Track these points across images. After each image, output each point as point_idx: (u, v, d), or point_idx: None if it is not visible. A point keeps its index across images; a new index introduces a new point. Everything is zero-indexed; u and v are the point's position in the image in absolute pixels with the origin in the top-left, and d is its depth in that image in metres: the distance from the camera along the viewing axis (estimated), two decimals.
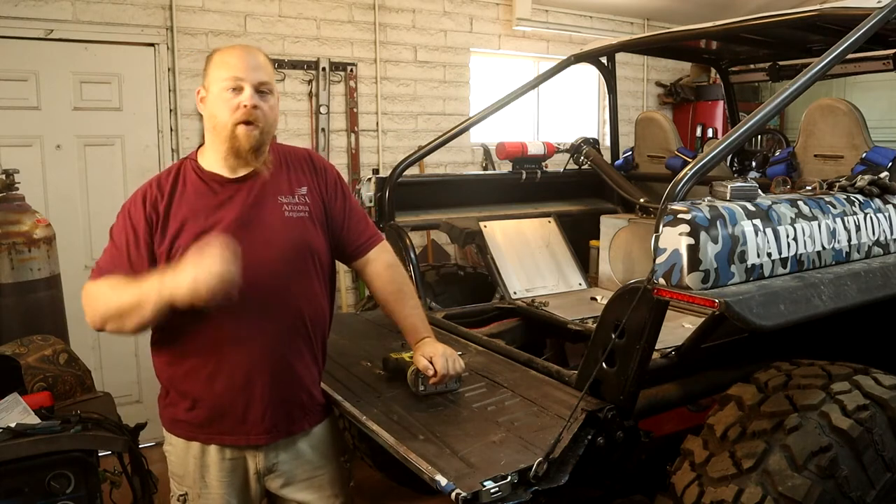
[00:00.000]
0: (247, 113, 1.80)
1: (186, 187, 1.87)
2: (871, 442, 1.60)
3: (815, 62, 1.99)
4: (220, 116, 1.82)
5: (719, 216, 1.63)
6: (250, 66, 1.83)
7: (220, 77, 1.82)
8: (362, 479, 3.44)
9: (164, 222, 1.82)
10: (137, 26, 4.18)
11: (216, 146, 1.87)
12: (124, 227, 1.85)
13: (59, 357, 2.53)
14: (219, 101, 1.82)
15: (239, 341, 1.82)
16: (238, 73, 1.80)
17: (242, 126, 1.81)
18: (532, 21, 5.63)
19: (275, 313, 1.85)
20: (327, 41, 4.85)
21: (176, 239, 1.80)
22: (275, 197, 1.89)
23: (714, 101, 6.47)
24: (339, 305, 4.91)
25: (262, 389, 1.85)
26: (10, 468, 1.95)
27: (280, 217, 1.88)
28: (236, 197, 1.86)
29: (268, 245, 1.84)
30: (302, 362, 1.93)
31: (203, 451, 1.90)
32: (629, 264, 3.38)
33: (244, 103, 1.80)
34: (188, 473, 1.92)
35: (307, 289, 1.92)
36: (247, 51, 1.87)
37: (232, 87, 1.80)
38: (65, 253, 3.43)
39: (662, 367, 2.06)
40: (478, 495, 1.46)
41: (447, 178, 4.56)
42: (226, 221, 1.82)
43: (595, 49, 3.64)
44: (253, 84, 1.81)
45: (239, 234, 1.79)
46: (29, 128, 3.94)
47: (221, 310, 1.76)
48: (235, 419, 1.86)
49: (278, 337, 1.86)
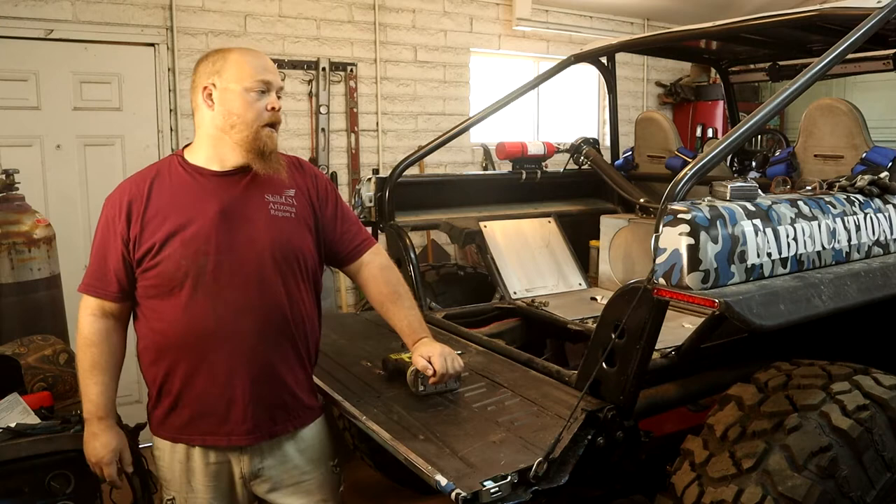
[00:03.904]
0: (274, 116, 1.85)
1: (170, 180, 1.86)
2: (871, 442, 1.60)
3: (815, 62, 1.99)
4: (244, 116, 1.81)
5: (719, 216, 1.63)
6: (273, 70, 1.88)
7: (246, 76, 1.81)
8: (362, 479, 3.45)
9: (143, 219, 1.81)
10: (137, 26, 4.18)
11: (216, 142, 1.85)
12: (104, 230, 1.86)
13: (59, 357, 2.53)
14: (241, 100, 1.81)
15: (219, 339, 1.81)
16: (267, 76, 1.84)
17: (269, 128, 1.85)
18: (532, 21, 5.63)
19: (256, 311, 1.83)
20: (327, 41, 4.86)
21: (158, 231, 1.80)
22: (262, 194, 1.88)
23: (714, 101, 6.47)
24: (339, 305, 4.91)
25: (243, 389, 1.83)
26: (10, 468, 1.95)
27: (265, 214, 1.87)
28: (221, 189, 1.85)
29: (250, 241, 1.83)
30: (285, 363, 1.90)
31: (188, 454, 1.89)
32: (629, 264, 3.38)
33: (273, 106, 1.84)
34: (175, 478, 1.91)
35: (289, 289, 1.89)
36: (264, 55, 1.91)
37: (261, 88, 1.82)
38: (65, 253, 3.43)
39: (662, 367, 2.06)
40: (478, 495, 1.46)
41: (447, 178, 4.55)
42: (209, 213, 1.81)
43: (595, 49, 3.64)
44: (277, 88, 1.87)
45: (222, 227, 1.81)
46: (29, 128, 3.94)
47: (201, 307, 1.79)
48: (217, 419, 1.84)
49: (259, 336, 1.84)
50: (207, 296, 1.80)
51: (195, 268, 1.79)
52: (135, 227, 1.81)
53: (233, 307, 1.81)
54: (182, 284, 1.79)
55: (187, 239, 1.79)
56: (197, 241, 1.79)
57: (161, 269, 1.80)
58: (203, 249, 1.79)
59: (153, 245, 1.79)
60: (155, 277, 1.81)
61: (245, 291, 1.82)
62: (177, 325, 1.81)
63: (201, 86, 1.85)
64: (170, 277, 1.79)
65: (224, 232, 1.81)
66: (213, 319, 1.80)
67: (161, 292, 1.82)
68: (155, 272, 1.80)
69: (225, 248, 1.81)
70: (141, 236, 1.81)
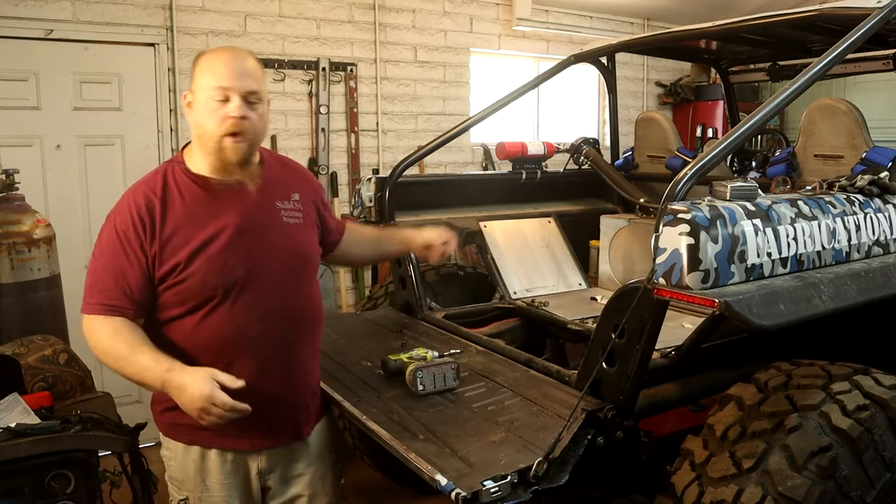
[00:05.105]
0: (234, 125, 1.73)
1: (180, 193, 1.80)
2: (871, 442, 1.60)
3: (815, 62, 1.99)
4: (206, 126, 1.75)
5: (719, 216, 1.63)
6: (238, 74, 1.73)
7: (206, 85, 1.73)
8: (362, 479, 3.45)
9: (161, 235, 1.75)
10: (137, 26, 4.18)
11: (204, 151, 1.81)
12: (114, 246, 1.75)
13: (59, 357, 2.53)
14: (205, 110, 1.74)
15: (245, 347, 1.80)
16: (224, 83, 1.72)
17: (229, 138, 1.74)
18: (532, 21, 5.62)
19: (279, 318, 1.84)
20: (327, 41, 4.85)
21: (180, 249, 1.75)
22: (272, 202, 1.89)
23: (714, 101, 6.47)
24: (339, 305, 4.91)
25: (270, 394, 1.83)
26: (10, 468, 1.95)
27: (279, 222, 1.88)
28: (234, 201, 1.82)
29: (270, 250, 1.84)
30: (307, 365, 1.94)
31: (203, 454, 1.88)
32: (629, 264, 3.38)
33: (231, 114, 1.72)
34: (188, 478, 1.89)
35: (306, 290, 1.93)
36: (235, 56, 1.77)
37: (219, 97, 1.72)
38: (65, 253, 3.42)
39: (662, 367, 2.06)
40: (478, 495, 1.46)
41: (447, 178, 4.56)
42: (229, 227, 1.79)
43: (595, 49, 3.64)
44: (241, 93, 1.73)
45: (243, 240, 1.79)
46: (29, 128, 3.93)
47: (226, 318, 1.77)
48: (241, 425, 1.80)
49: (283, 342, 1.86)
50: (233, 307, 1.78)
51: (222, 283, 1.76)
52: (154, 244, 1.74)
53: (258, 316, 1.80)
54: (208, 299, 1.77)
55: (212, 255, 1.76)
56: (222, 256, 1.77)
57: (187, 285, 1.76)
58: (229, 264, 1.77)
59: (178, 263, 1.74)
60: (180, 294, 1.77)
61: (269, 300, 1.82)
62: (199, 336, 1.78)
63: (184, 95, 1.82)
64: (195, 293, 1.76)
65: (245, 245, 1.79)
66: (239, 329, 1.79)
67: (184, 306, 1.78)
68: (180, 289, 1.76)
69: (248, 260, 1.79)
70: (161, 254, 1.75)
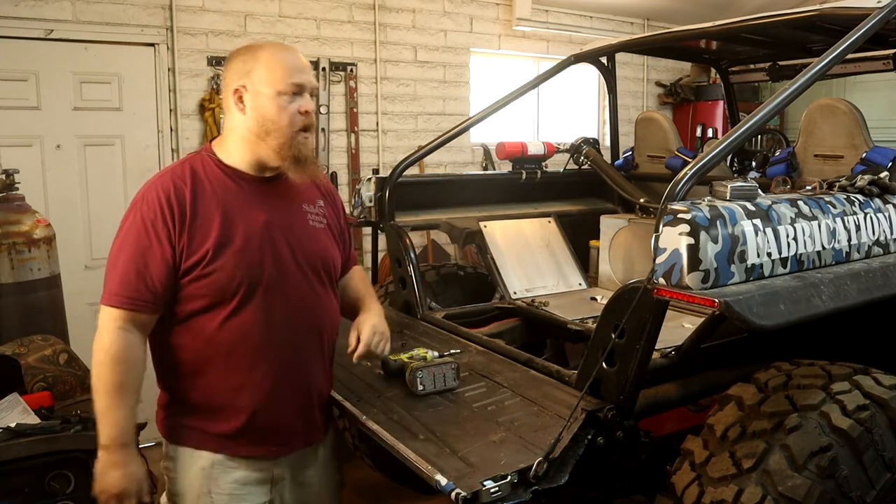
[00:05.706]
0: (308, 119, 1.76)
1: (210, 183, 1.75)
2: (871, 442, 1.60)
3: (815, 62, 1.99)
4: (278, 123, 1.73)
5: (719, 216, 1.63)
6: (307, 70, 1.78)
7: (279, 79, 1.72)
8: (362, 479, 3.45)
9: (192, 225, 1.70)
10: (137, 26, 4.18)
11: (253, 147, 1.77)
12: (139, 235, 1.69)
13: (59, 357, 2.53)
14: (274, 105, 1.72)
15: (270, 350, 1.77)
16: (300, 79, 1.74)
17: (303, 133, 1.76)
18: (532, 21, 5.63)
19: (304, 321, 1.82)
20: (327, 41, 4.85)
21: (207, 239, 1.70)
22: (300, 204, 1.87)
23: (714, 101, 6.47)
24: None
25: (290, 401, 1.81)
26: (10, 468, 1.96)
27: (306, 225, 1.86)
28: (264, 197, 1.80)
29: (295, 251, 1.81)
30: (325, 371, 1.93)
31: (212, 461, 1.78)
32: (629, 264, 3.38)
33: (305, 109, 1.75)
34: (191, 488, 1.79)
35: (328, 297, 1.90)
36: (297, 52, 1.80)
37: (294, 91, 1.73)
38: (65, 253, 3.43)
39: (662, 367, 2.06)
40: (478, 495, 1.46)
41: (447, 178, 4.56)
42: (258, 223, 1.76)
43: (595, 49, 3.64)
44: (311, 88, 1.77)
45: (270, 238, 1.77)
46: (29, 128, 3.94)
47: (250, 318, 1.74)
48: (258, 433, 1.78)
49: (304, 347, 1.83)
50: (258, 307, 1.74)
51: (248, 279, 1.72)
52: (182, 233, 1.69)
53: (280, 318, 1.77)
54: (233, 296, 1.72)
55: (239, 249, 1.72)
56: (250, 251, 1.73)
57: (213, 279, 1.70)
58: (256, 260, 1.74)
59: (205, 254, 1.69)
60: (205, 288, 1.71)
61: (291, 302, 1.79)
62: (224, 336, 1.73)
63: (232, 87, 1.75)
64: (221, 289, 1.71)
65: (272, 242, 1.76)
66: (263, 330, 1.75)
67: (208, 302, 1.72)
68: (206, 282, 1.71)
69: (275, 258, 1.76)
70: (190, 245, 1.69)
